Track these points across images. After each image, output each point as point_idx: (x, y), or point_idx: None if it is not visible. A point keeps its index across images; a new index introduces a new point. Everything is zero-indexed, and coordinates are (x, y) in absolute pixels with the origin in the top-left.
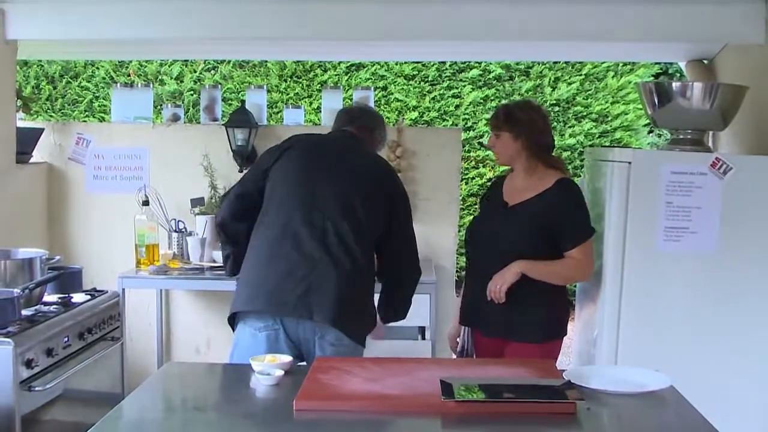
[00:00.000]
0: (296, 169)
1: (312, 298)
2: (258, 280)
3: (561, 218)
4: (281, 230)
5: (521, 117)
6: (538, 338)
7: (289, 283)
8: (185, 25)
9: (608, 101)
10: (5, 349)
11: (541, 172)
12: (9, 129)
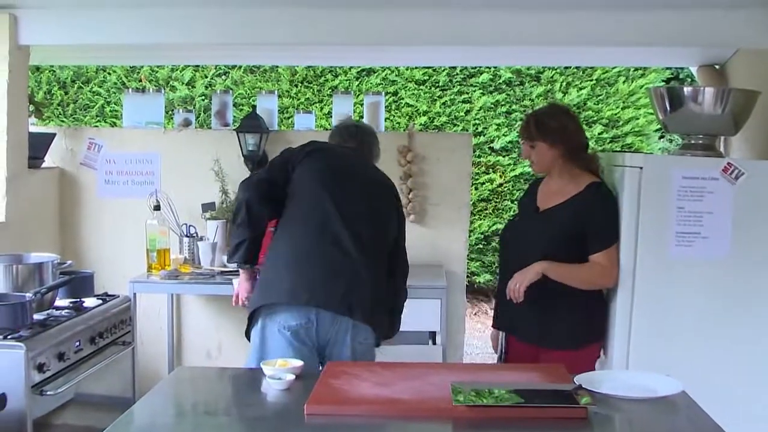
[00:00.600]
0: (326, 171)
1: (353, 297)
2: (299, 274)
3: (589, 223)
4: (319, 228)
5: (553, 125)
6: (573, 344)
7: (331, 279)
8: (196, 31)
9: (619, 106)
10: (17, 354)
11: (575, 175)
12: (21, 134)
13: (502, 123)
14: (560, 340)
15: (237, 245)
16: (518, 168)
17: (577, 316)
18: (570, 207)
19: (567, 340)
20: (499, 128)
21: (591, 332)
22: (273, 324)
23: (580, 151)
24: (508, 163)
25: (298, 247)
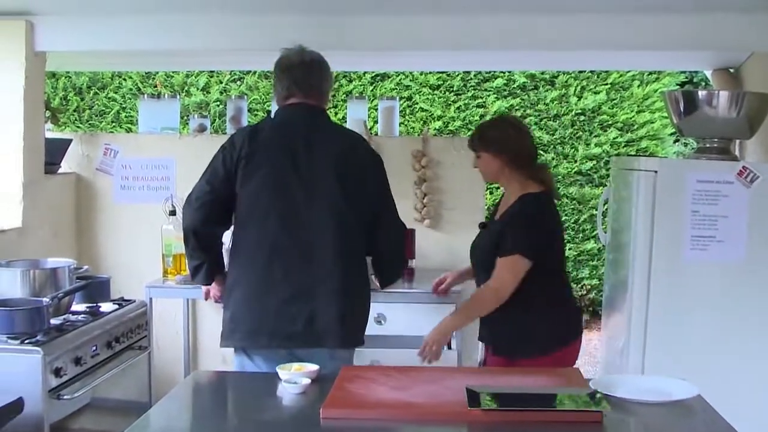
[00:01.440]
0: (270, 178)
1: (318, 326)
2: (256, 313)
3: (505, 230)
4: (268, 255)
5: (494, 135)
6: (547, 351)
7: (289, 313)
8: (211, 37)
9: (634, 110)
10: (34, 358)
11: (516, 187)
12: (38, 140)
13: None
14: (531, 350)
15: (195, 268)
16: None
17: (546, 323)
18: (503, 219)
19: (540, 349)
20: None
21: (565, 333)
22: (250, 360)
23: (525, 161)
24: None
25: (250, 282)
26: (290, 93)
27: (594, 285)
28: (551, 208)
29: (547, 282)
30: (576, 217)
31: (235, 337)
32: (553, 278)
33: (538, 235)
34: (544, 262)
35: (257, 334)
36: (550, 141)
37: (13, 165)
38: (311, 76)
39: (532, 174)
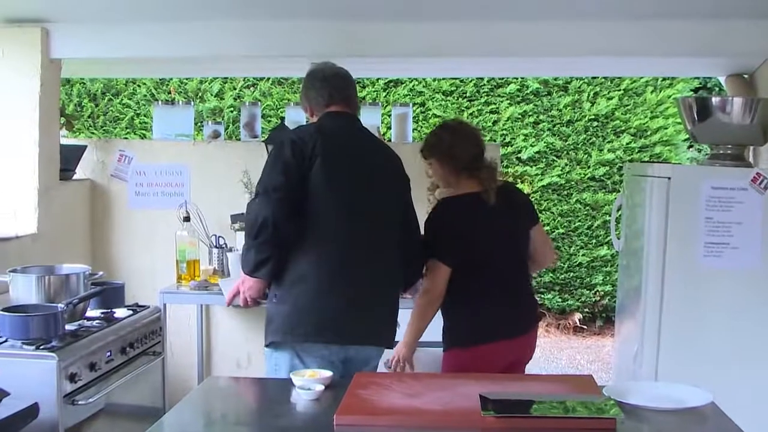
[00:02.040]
0: (345, 180)
1: (375, 325)
2: (324, 308)
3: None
4: (338, 253)
5: (431, 140)
6: (447, 345)
7: (354, 311)
8: (225, 44)
9: (647, 116)
10: (49, 364)
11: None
12: (53, 146)
13: (529, 133)
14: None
15: (261, 262)
16: (546, 178)
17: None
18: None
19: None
20: (527, 138)
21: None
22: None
23: (463, 162)
24: (536, 173)
25: (321, 279)
26: (331, 101)
27: (607, 291)
28: (464, 211)
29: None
30: (589, 222)
31: (298, 331)
32: (465, 280)
33: (439, 239)
34: (458, 264)
35: (324, 329)
36: (563, 147)
37: (29, 171)
38: (348, 87)
39: (472, 174)
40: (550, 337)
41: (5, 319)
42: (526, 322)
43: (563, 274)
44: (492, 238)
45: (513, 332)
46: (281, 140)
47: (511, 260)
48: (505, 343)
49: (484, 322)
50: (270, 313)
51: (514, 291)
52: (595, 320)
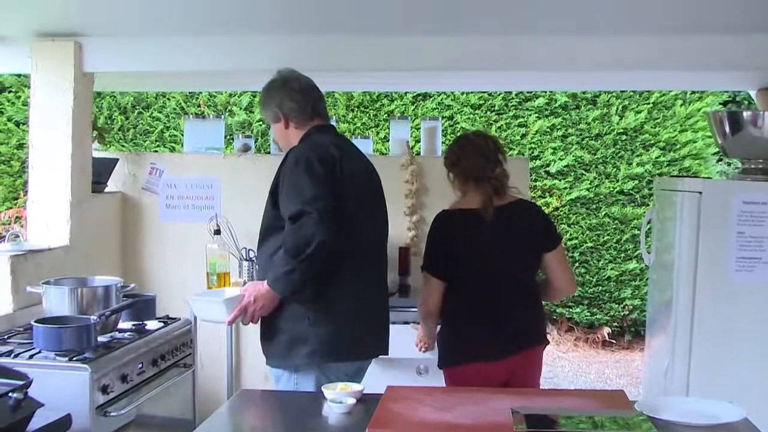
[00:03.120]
0: (362, 199)
1: (387, 337)
2: (363, 327)
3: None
4: (371, 274)
5: (446, 157)
6: (439, 364)
7: (382, 326)
8: (254, 58)
9: (676, 129)
10: (82, 375)
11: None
12: (85, 159)
13: (558, 147)
14: (438, 360)
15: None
16: (575, 192)
17: (444, 339)
18: None
19: (441, 360)
20: (555, 152)
21: (444, 355)
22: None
23: (470, 174)
24: (565, 187)
25: (360, 299)
26: (314, 114)
27: (636, 305)
28: (457, 226)
29: (448, 300)
30: (618, 236)
31: (337, 352)
32: (453, 296)
33: (429, 254)
34: (449, 279)
35: (360, 348)
36: (591, 160)
37: (62, 184)
38: (323, 99)
39: (478, 186)
40: (578, 351)
41: (39, 330)
42: (513, 344)
43: (592, 288)
44: (483, 256)
45: (493, 355)
46: (305, 157)
47: (503, 281)
48: (484, 365)
49: (460, 343)
50: (296, 334)
51: (501, 312)
52: (624, 334)
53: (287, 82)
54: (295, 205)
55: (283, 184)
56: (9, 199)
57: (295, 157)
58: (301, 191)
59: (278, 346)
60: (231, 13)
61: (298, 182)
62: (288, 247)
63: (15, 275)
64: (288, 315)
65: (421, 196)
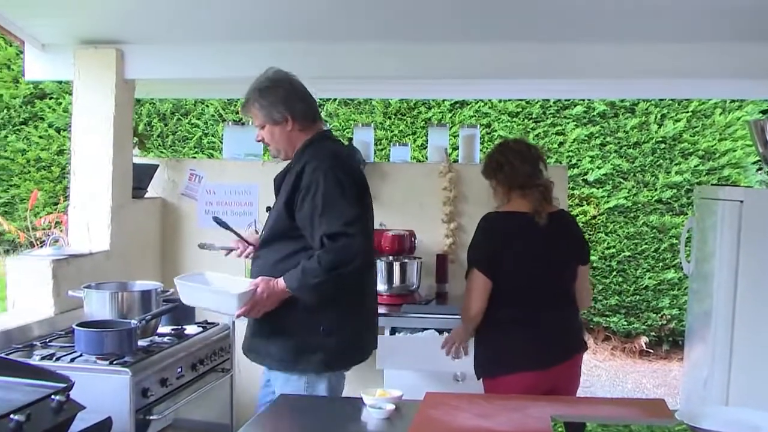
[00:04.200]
0: (370, 210)
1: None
2: (368, 337)
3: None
4: (371, 286)
5: (485, 161)
6: (477, 374)
7: (376, 328)
8: (291, 65)
9: (716, 138)
10: (123, 379)
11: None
12: (126, 165)
13: (596, 155)
14: (477, 369)
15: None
16: (612, 200)
17: (480, 348)
18: None
19: (480, 369)
20: (593, 160)
21: (488, 365)
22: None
23: (516, 182)
24: (602, 195)
25: (365, 310)
26: (317, 118)
27: (674, 315)
28: (507, 228)
29: (491, 307)
30: (656, 245)
31: (347, 361)
32: (496, 303)
33: (479, 250)
34: (495, 280)
35: (366, 351)
36: (629, 168)
37: (103, 189)
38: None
39: (524, 194)
40: (615, 361)
41: (81, 334)
42: (560, 353)
43: (629, 297)
44: (532, 260)
45: (540, 364)
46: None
47: (549, 289)
48: (530, 375)
49: (504, 352)
50: (307, 342)
51: (548, 320)
52: (662, 344)
53: (293, 82)
54: (336, 225)
55: (312, 200)
56: (49, 204)
57: (323, 172)
58: (342, 212)
59: (283, 351)
60: (268, 21)
61: (335, 203)
62: (325, 261)
63: (57, 279)
64: (300, 322)
65: (459, 203)
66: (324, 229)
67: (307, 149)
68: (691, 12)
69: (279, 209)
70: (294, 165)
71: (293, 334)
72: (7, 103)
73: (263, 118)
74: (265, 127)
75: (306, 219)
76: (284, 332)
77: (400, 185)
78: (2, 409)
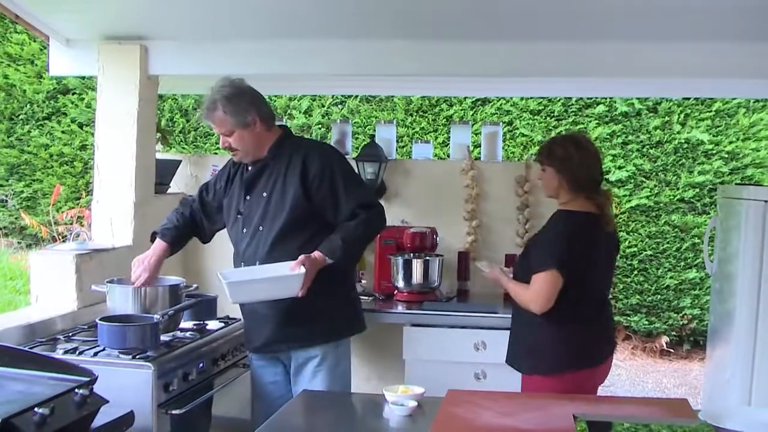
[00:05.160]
0: None
1: None
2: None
3: (535, 243)
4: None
5: (559, 153)
6: (522, 368)
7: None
8: (315, 62)
9: (739, 138)
10: (146, 373)
11: (566, 205)
12: (149, 160)
13: (617, 154)
14: (517, 362)
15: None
16: (634, 199)
17: (531, 341)
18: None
19: (518, 363)
20: (615, 159)
21: (543, 361)
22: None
23: (583, 184)
24: (624, 195)
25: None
26: (275, 117)
27: (695, 315)
28: (587, 229)
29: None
30: (678, 245)
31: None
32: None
33: (561, 250)
34: (569, 279)
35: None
36: (652, 168)
37: (126, 185)
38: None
39: (590, 197)
40: (636, 360)
41: (104, 328)
42: (606, 352)
43: (650, 296)
44: (599, 262)
45: (595, 361)
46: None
47: (605, 288)
48: (588, 372)
49: (573, 348)
50: (341, 312)
51: (601, 319)
52: (683, 344)
53: (251, 87)
54: (366, 197)
55: (331, 180)
56: (71, 199)
57: (332, 156)
58: (365, 187)
59: (323, 325)
60: (293, 18)
61: (356, 179)
62: (364, 227)
63: (80, 274)
64: (330, 294)
65: (481, 201)
66: (355, 201)
67: (285, 144)
68: (715, 10)
69: (291, 195)
70: (276, 161)
71: (330, 309)
72: (30, 99)
73: (233, 124)
74: (233, 133)
75: (328, 197)
76: (323, 309)
77: (422, 182)
78: (26, 402)
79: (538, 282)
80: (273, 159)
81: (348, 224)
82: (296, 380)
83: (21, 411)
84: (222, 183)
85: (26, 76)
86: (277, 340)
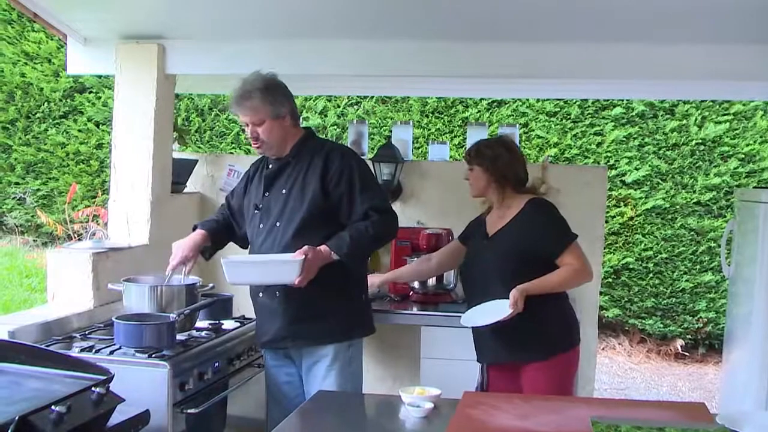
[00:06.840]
0: None
1: None
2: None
3: (537, 235)
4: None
5: (487, 152)
6: (544, 355)
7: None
8: (331, 62)
9: (756, 141)
10: (162, 372)
11: (511, 199)
12: (166, 160)
13: (634, 156)
14: (531, 352)
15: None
16: (650, 201)
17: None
18: (514, 226)
19: (537, 352)
20: (631, 161)
21: (560, 340)
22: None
23: (513, 182)
24: (640, 197)
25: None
26: (299, 118)
27: (711, 318)
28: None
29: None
30: (693, 248)
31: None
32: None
33: (565, 224)
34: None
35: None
36: (668, 170)
37: (143, 184)
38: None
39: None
40: (650, 363)
41: (120, 327)
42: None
43: (666, 299)
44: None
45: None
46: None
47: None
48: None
49: (574, 320)
50: (352, 311)
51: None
52: (698, 347)
53: (281, 84)
54: (380, 201)
55: (350, 179)
56: (87, 198)
57: (353, 158)
58: (381, 192)
59: (335, 325)
60: (309, 18)
61: (372, 182)
62: (375, 230)
63: (96, 272)
64: (343, 294)
65: None
66: (369, 204)
67: (308, 144)
68: (730, 12)
69: (310, 193)
70: (297, 159)
71: (340, 308)
72: (47, 97)
73: (266, 113)
74: (264, 123)
75: (345, 195)
76: (332, 309)
77: (438, 183)
78: (43, 400)
79: (572, 255)
80: (294, 158)
81: (359, 224)
82: (308, 380)
83: (38, 408)
84: (242, 184)
85: (43, 75)
86: (285, 336)
